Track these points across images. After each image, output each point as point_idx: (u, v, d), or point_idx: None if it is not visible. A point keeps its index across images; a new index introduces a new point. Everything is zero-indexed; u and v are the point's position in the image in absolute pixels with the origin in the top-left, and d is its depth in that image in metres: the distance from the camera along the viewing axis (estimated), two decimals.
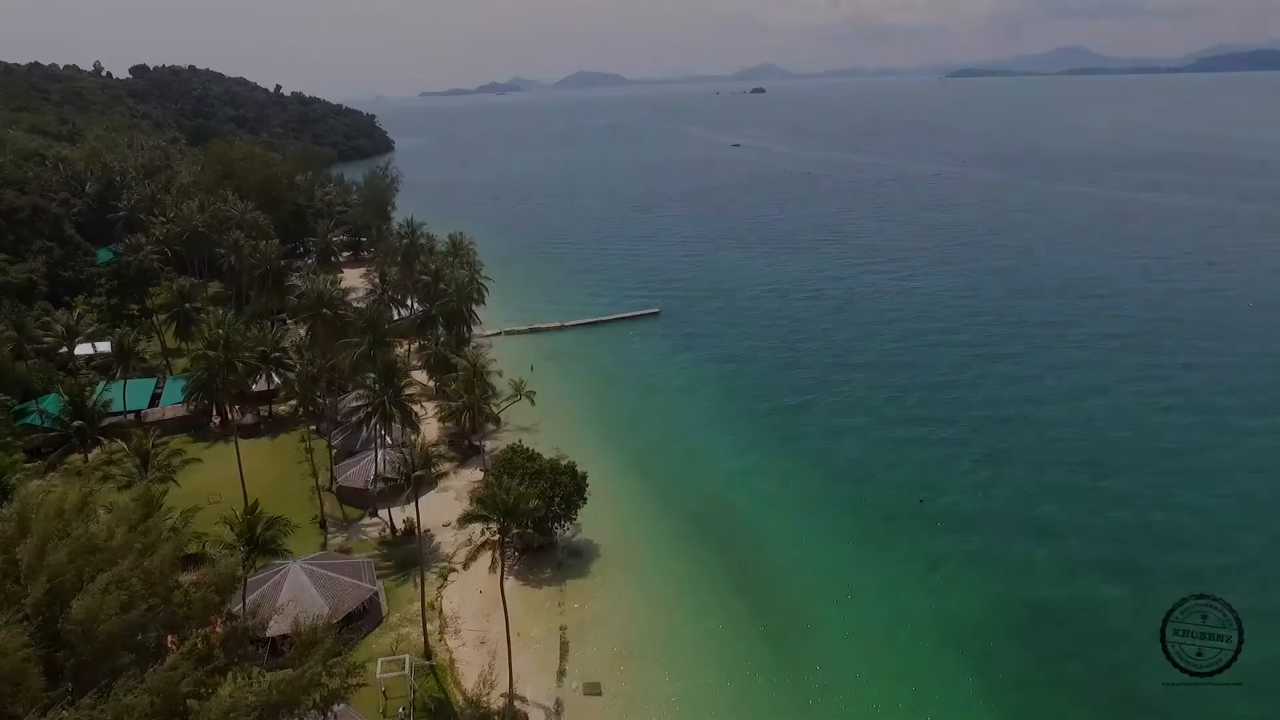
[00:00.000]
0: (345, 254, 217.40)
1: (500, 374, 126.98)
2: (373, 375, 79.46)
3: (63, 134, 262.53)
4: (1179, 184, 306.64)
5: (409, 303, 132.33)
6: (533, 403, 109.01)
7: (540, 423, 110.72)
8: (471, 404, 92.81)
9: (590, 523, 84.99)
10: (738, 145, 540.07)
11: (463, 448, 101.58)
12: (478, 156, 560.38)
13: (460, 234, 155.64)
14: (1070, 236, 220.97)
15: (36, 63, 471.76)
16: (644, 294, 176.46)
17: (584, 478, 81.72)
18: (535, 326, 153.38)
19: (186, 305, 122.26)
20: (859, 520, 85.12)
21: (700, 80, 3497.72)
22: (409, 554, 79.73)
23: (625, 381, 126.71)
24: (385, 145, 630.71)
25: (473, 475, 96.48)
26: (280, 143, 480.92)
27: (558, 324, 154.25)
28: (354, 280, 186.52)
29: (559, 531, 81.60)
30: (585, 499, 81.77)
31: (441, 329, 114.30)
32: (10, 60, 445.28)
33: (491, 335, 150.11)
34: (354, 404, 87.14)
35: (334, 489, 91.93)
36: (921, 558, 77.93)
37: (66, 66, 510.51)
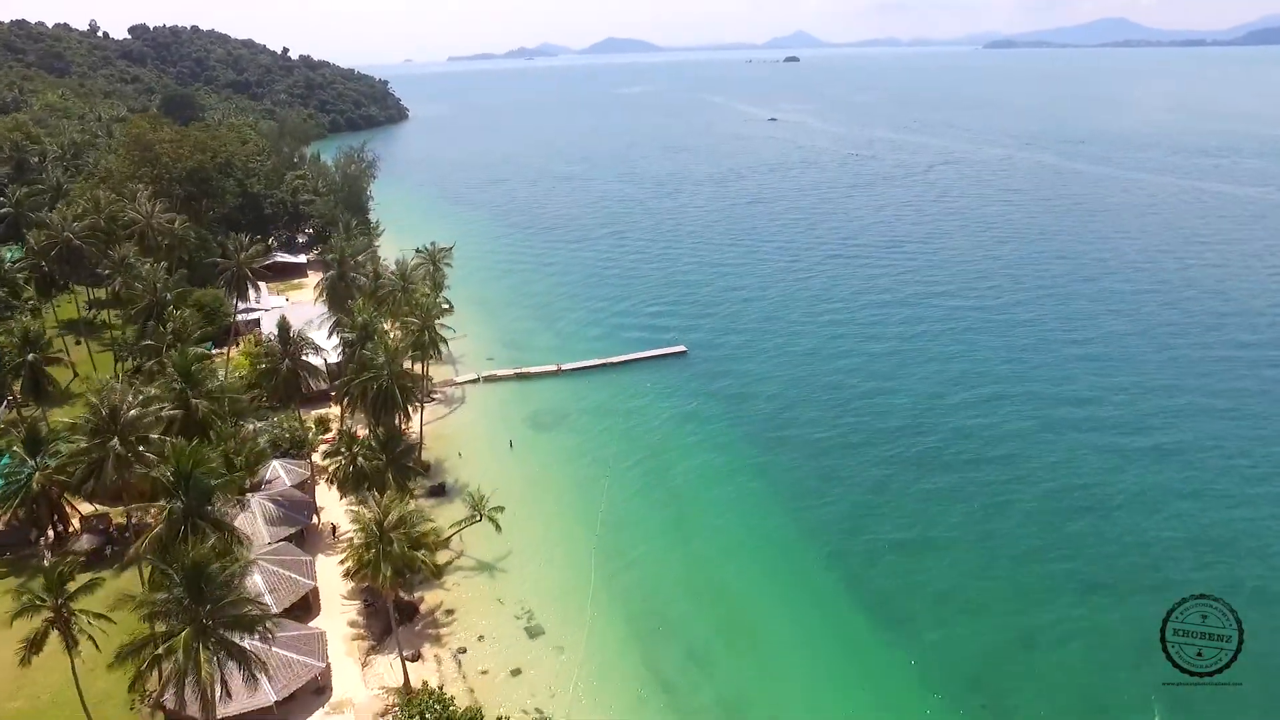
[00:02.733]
0: (316, 250, 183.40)
1: (460, 456, 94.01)
2: (177, 580, 44.14)
3: (5, 102, 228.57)
4: None
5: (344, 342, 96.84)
6: (498, 527, 74.50)
7: (508, 555, 76.14)
8: (388, 563, 58.00)
9: None
10: (774, 120, 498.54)
11: (380, 610, 66.91)
12: (496, 127, 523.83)
13: (427, 250, 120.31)
14: (1189, 247, 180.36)
15: (21, 20, 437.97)
16: (664, 320, 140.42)
17: None
18: (522, 371, 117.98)
19: (32, 356, 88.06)
20: None
21: (732, 48, 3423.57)
22: None
23: (637, 475, 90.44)
24: (399, 114, 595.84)
25: (390, 670, 62.04)
26: (282, 110, 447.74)
27: (553, 367, 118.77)
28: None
29: None
30: None
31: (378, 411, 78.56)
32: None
33: (466, 382, 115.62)
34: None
35: (161, 703, 57.72)
36: None
37: (57, 25, 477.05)
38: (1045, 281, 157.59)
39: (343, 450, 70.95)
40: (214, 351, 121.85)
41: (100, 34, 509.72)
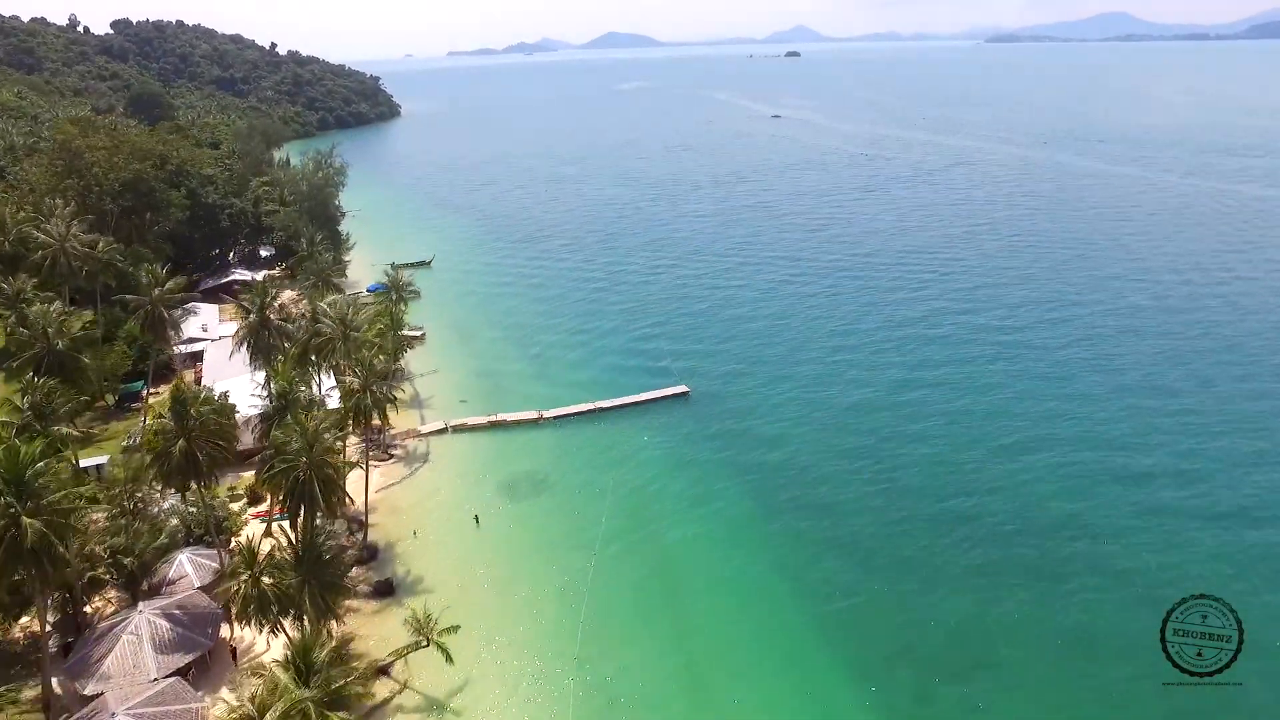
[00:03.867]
0: (280, 267, 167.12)
1: (415, 536, 78.11)
2: None
3: None
4: None
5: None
6: (449, 658, 58.34)
7: (464, 689, 59.72)
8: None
9: None
10: (778, 116, 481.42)
11: None
12: (490, 124, 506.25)
13: (390, 275, 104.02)
14: (1227, 264, 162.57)
15: None
16: (663, 350, 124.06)
17: None
18: (498, 419, 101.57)
19: None
20: None
21: (732, 43, 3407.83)
22: None
23: (628, 564, 73.61)
24: (390, 111, 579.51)
25: None
26: (267, 108, 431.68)
27: (534, 414, 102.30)
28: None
29: None
30: None
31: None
32: None
33: (431, 433, 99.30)
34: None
35: None
36: None
37: (33, 19, 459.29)
38: (1070, 304, 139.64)
39: (240, 571, 54.55)
40: (145, 391, 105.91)
41: (80, 29, 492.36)
